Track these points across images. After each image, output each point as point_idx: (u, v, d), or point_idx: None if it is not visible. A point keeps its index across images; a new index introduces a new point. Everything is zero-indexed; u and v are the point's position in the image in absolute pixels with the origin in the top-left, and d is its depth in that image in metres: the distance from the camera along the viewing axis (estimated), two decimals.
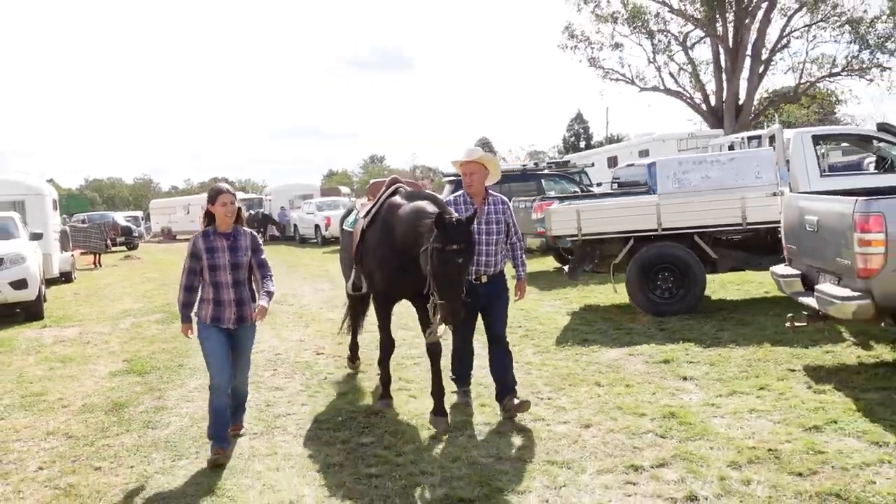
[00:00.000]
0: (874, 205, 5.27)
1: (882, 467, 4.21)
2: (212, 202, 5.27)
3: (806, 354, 6.66)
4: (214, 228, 5.29)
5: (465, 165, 5.73)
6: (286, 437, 5.52)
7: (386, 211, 5.91)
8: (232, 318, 5.24)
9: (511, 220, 5.86)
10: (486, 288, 5.68)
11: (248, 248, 5.33)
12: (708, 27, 32.25)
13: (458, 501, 4.15)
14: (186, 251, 5.32)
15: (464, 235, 5.02)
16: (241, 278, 5.29)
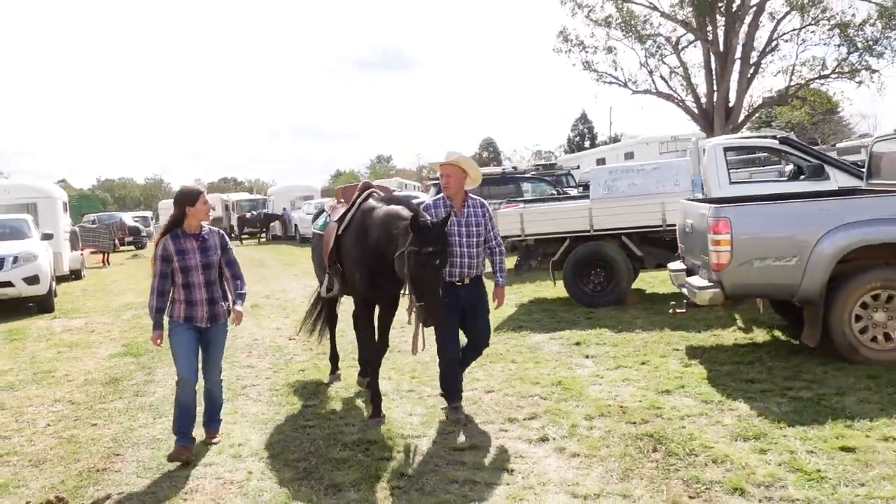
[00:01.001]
0: (723, 211, 6.51)
1: (699, 418, 5.44)
2: (192, 203, 5.31)
3: (695, 338, 7.89)
4: (183, 230, 5.34)
5: (442, 167, 5.79)
6: (247, 401, 6.80)
7: (361, 215, 6.05)
8: (205, 316, 5.36)
9: (490, 222, 5.96)
10: (466, 290, 5.78)
11: (217, 246, 5.44)
12: (698, 31, 33.28)
13: (367, 442, 5.42)
14: (153, 255, 5.42)
15: (439, 237, 5.16)
16: (213, 278, 5.40)
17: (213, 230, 5.52)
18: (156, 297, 5.32)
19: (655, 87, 35.33)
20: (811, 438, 4.82)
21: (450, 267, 5.60)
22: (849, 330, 6.32)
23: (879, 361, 6.24)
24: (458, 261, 5.71)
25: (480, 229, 5.83)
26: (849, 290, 6.31)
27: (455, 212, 5.72)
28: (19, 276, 13.03)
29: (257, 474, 4.95)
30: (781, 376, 6.24)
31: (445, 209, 5.69)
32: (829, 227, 6.27)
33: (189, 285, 5.30)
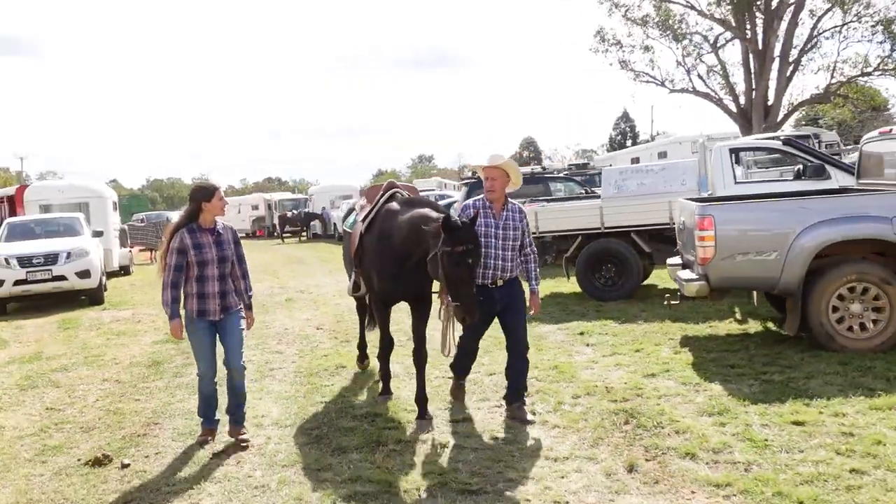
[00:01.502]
0: (707, 209, 7.05)
1: (674, 398, 6.00)
2: (208, 199, 5.46)
3: (691, 328, 8.41)
4: (198, 225, 5.49)
5: (488, 171, 5.80)
6: (273, 381, 7.54)
7: (383, 217, 6.11)
8: (217, 309, 5.51)
9: (526, 228, 5.98)
10: (501, 292, 5.81)
11: (231, 241, 5.60)
12: (736, 29, 33.28)
13: (374, 415, 6.09)
14: (168, 248, 5.49)
15: (470, 236, 5.26)
16: (227, 271, 5.55)
17: (227, 225, 5.68)
18: (170, 291, 5.40)
19: (693, 85, 35.43)
20: (769, 414, 5.36)
21: (483, 269, 5.67)
22: (826, 320, 6.80)
23: (855, 350, 6.70)
24: (492, 262, 5.74)
25: (518, 234, 5.84)
26: (826, 282, 6.78)
27: (494, 214, 5.78)
28: (72, 270, 14.05)
29: (275, 439, 5.67)
30: (760, 362, 6.75)
31: (483, 210, 5.75)
32: (806, 224, 6.77)
33: (203, 278, 5.44)
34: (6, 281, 13.74)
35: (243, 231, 46.72)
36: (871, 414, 5.21)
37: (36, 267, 13.88)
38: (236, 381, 5.68)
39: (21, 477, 5.26)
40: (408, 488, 4.57)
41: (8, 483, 5.17)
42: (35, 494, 4.92)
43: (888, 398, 5.45)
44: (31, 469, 5.42)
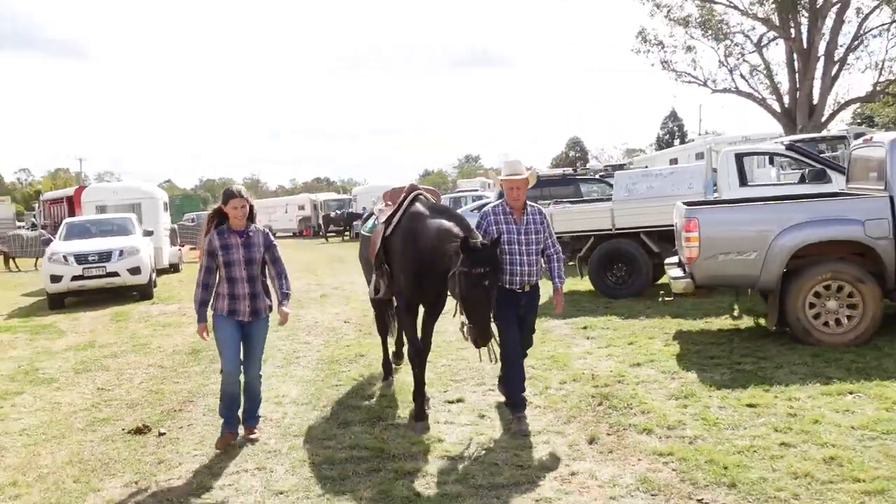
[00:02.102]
0: (692, 212, 7.66)
1: (651, 384, 6.64)
2: (224, 202, 5.71)
3: (687, 324, 8.99)
4: (228, 226, 5.72)
5: (510, 181, 5.84)
6: (297, 367, 8.39)
7: (409, 220, 6.12)
8: (247, 311, 5.70)
9: (548, 230, 6.01)
10: (526, 297, 5.89)
11: (261, 244, 5.76)
12: (780, 29, 33.23)
13: (381, 396, 6.88)
14: (201, 250, 5.83)
15: (489, 259, 5.31)
16: (255, 273, 5.72)
17: (259, 228, 5.85)
18: (200, 291, 5.72)
19: (735, 86, 35.49)
20: (728, 398, 5.98)
21: (510, 275, 5.75)
22: (802, 315, 7.35)
23: (830, 343, 7.24)
24: (518, 269, 5.78)
25: (539, 237, 5.89)
26: (803, 280, 7.33)
27: (515, 219, 5.84)
28: (124, 267, 15.19)
29: (290, 415, 6.50)
30: (739, 353, 7.35)
31: (504, 216, 5.84)
32: (783, 226, 7.33)
33: (232, 279, 5.65)
34: (64, 276, 14.93)
35: (290, 230, 48.24)
36: (820, 398, 5.79)
37: (91, 264, 15.04)
38: (252, 386, 5.91)
39: (74, 442, 6.18)
40: (396, 454, 5.33)
41: (63, 447, 6.09)
42: (85, 455, 5.82)
43: (840, 385, 6.03)
44: (83, 436, 6.33)
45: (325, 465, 5.22)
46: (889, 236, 7.15)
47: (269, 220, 52.64)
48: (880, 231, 7.16)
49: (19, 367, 9.34)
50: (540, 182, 19.64)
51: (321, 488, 4.80)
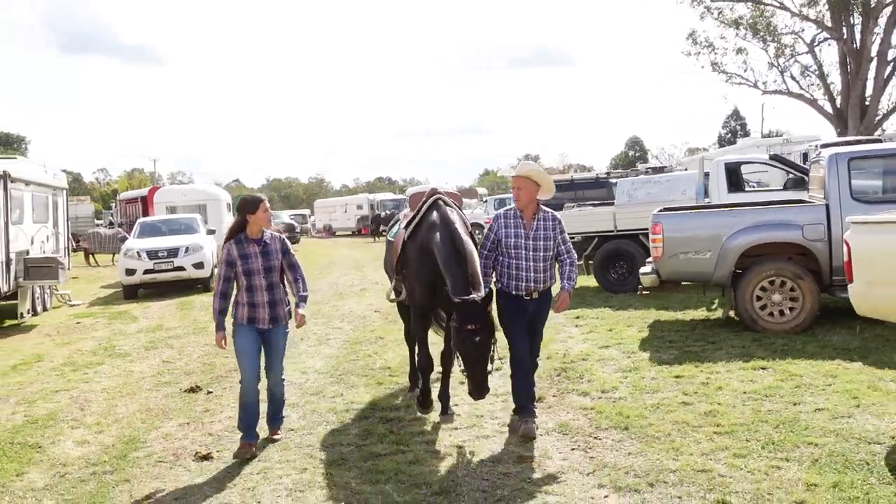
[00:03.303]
0: (657, 217, 8.99)
1: (609, 362, 7.99)
2: (252, 211, 5.73)
3: (666, 315, 10.29)
4: (246, 235, 5.77)
5: (514, 179, 5.82)
6: (326, 347, 10.03)
7: (426, 228, 6.15)
8: (266, 318, 5.77)
9: (561, 236, 5.92)
10: (534, 305, 5.88)
11: (278, 251, 5.84)
12: (833, 30, 33.51)
13: (387, 368, 8.44)
14: (220, 259, 5.90)
15: (478, 316, 5.32)
16: (274, 281, 5.80)
17: (275, 235, 5.96)
18: (218, 300, 5.82)
19: (787, 87, 35.90)
20: (662, 371, 7.32)
21: (515, 280, 5.79)
22: (750, 307, 8.61)
23: (774, 331, 8.48)
24: (524, 274, 5.76)
25: (549, 243, 5.81)
26: (750, 276, 8.59)
27: (524, 224, 5.81)
28: (189, 262, 17.21)
29: (312, 380, 8.12)
30: (693, 339, 8.64)
31: (514, 220, 5.84)
32: (734, 230, 8.61)
33: (251, 288, 5.74)
34: (138, 270, 17.04)
35: (349, 229, 50.40)
36: (735, 372, 7.09)
37: (161, 259, 17.11)
38: (275, 390, 6.08)
39: (142, 398, 7.93)
40: (384, 406, 6.89)
41: (134, 401, 7.83)
42: (150, 406, 7.55)
43: (757, 362, 7.31)
44: (149, 394, 8.08)
45: (329, 413, 6.80)
46: (824, 239, 8.35)
47: (329, 219, 55.17)
48: (816, 234, 8.37)
49: (100, 344, 11.27)
50: (573, 185, 20.99)
51: (322, 429, 6.37)
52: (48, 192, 15.97)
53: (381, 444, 5.84)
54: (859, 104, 33.13)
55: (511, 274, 5.81)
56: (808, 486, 4.40)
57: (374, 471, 5.24)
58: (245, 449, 5.70)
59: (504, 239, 5.82)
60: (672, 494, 4.50)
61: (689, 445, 5.25)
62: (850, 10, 33.00)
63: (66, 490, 5.35)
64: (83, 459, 5.99)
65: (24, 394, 8.31)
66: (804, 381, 6.57)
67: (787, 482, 4.49)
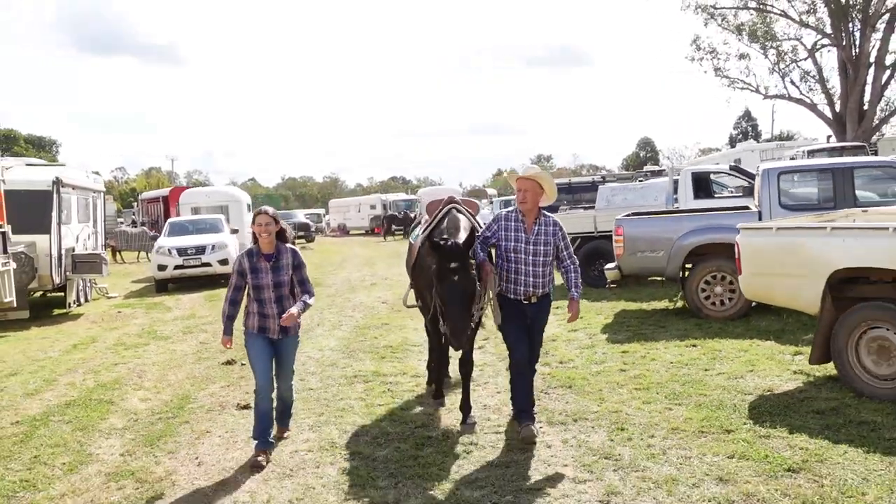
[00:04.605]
0: (619, 221, 10.73)
1: (571, 342, 9.70)
2: (252, 222, 5.92)
3: (633, 306, 12.00)
4: (258, 249, 5.85)
5: (519, 182, 5.83)
6: (339, 331, 11.82)
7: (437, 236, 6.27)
8: (276, 329, 5.90)
9: (562, 242, 5.99)
10: (533, 309, 5.99)
11: (289, 265, 5.88)
12: (832, 37, 34.94)
13: (388, 347, 10.22)
14: (233, 268, 6.03)
15: (459, 256, 5.51)
16: (284, 294, 5.88)
17: (288, 248, 5.97)
18: (228, 306, 6.03)
19: (787, 92, 37.34)
20: (613, 348, 9.05)
21: (514, 284, 5.91)
22: (696, 297, 10.32)
23: (715, 317, 10.17)
24: (522, 278, 5.86)
25: (549, 248, 5.88)
26: (697, 271, 10.30)
27: (525, 228, 5.87)
28: (215, 259, 19.10)
29: (326, 355, 9.91)
30: (647, 324, 10.37)
31: (515, 223, 5.90)
32: (682, 232, 10.33)
33: (262, 301, 5.88)
34: (168, 266, 18.96)
35: (363, 228, 52.29)
36: (671, 349, 8.82)
37: (189, 256, 19.01)
38: (285, 395, 6.33)
39: (187, 369, 9.74)
40: (385, 373, 8.66)
41: (181, 371, 9.64)
42: (195, 374, 9.36)
43: (691, 341, 9.03)
44: (192, 366, 9.90)
45: (340, 378, 8.60)
46: None
47: (343, 218, 57.11)
48: None
49: (143, 329, 13.14)
50: (571, 188, 22.71)
51: (334, 388, 8.14)
52: (89, 194, 17.89)
53: (380, 398, 7.62)
54: (857, 109, 34.52)
55: (510, 278, 5.90)
56: (686, 419, 6.14)
57: (374, 414, 7.03)
58: (259, 456, 5.83)
59: (504, 242, 5.91)
60: (588, 426, 6.24)
61: (612, 397, 7.00)
62: (849, 17, 34.45)
63: (140, 429, 7.16)
64: (149, 410, 7.81)
65: (88, 366, 10.16)
66: (721, 354, 8.30)
67: (672, 417, 6.24)
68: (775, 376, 7.26)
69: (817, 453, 5.17)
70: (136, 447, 6.56)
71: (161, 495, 5.42)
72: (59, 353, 11.26)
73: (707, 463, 5.19)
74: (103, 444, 6.73)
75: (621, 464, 5.30)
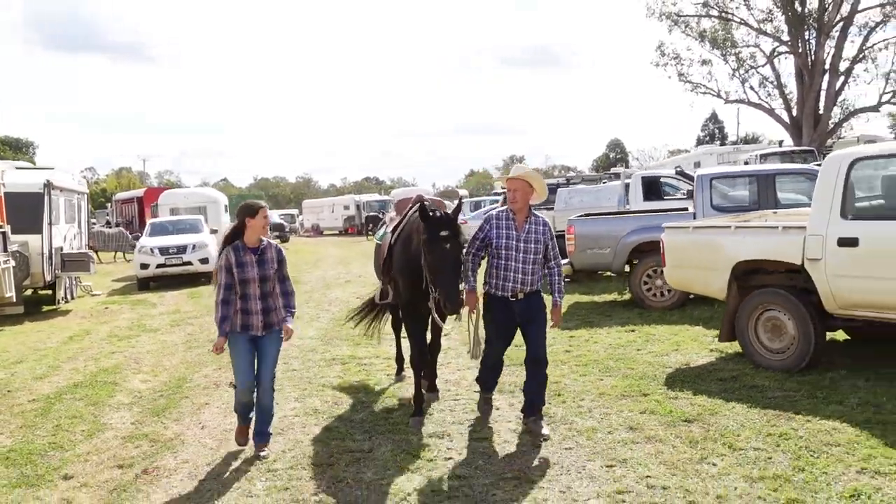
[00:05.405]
0: (571, 221, 12.00)
1: None
2: (252, 215, 5.79)
3: (586, 298, 13.28)
4: (243, 243, 5.83)
5: (510, 181, 5.99)
6: (318, 322, 12.97)
7: (409, 228, 6.53)
8: (259, 325, 5.89)
9: (550, 242, 6.18)
10: (521, 305, 6.11)
11: (274, 259, 5.92)
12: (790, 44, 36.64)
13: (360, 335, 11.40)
14: (217, 266, 5.99)
15: (448, 224, 5.65)
16: (269, 289, 5.89)
17: (271, 244, 6.02)
18: (221, 308, 5.83)
19: (747, 97, 39.01)
20: (562, 333, 10.24)
21: (503, 281, 6.08)
22: (639, 290, 11.62)
23: (656, 308, 11.47)
24: (512, 275, 6.02)
25: (539, 247, 6.07)
26: (640, 266, 11.60)
27: (516, 226, 6.04)
28: (196, 257, 20.15)
29: (306, 343, 11.05)
30: (595, 314, 11.65)
31: (506, 221, 6.06)
32: (626, 231, 11.63)
33: (246, 296, 5.83)
34: (151, 265, 19.98)
35: (336, 228, 53.34)
36: (613, 333, 10.09)
37: (171, 255, 20.04)
38: (264, 399, 6.14)
39: (180, 356, 10.83)
40: (359, 356, 9.84)
41: (174, 358, 10.73)
42: (188, 360, 10.45)
43: (631, 326, 10.33)
44: (185, 353, 10.98)
45: (319, 360, 9.76)
46: None
47: (317, 218, 58.10)
48: None
49: (132, 323, 14.19)
50: None
51: (315, 369, 9.30)
52: (74, 196, 18.84)
53: (356, 376, 8.80)
54: (813, 114, 36.23)
55: (499, 275, 6.10)
56: (612, 387, 7.40)
57: (350, 389, 8.21)
58: (242, 432, 6.26)
59: (495, 240, 6.07)
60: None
61: (554, 372, 8.19)
62: (805, 25, 36.17)
63: (146, 403, 8.27)
64: (150, 389, 8.92)
65: (87, 355, 11.21)
66: (654, 338, 9.59)
67: (602, 385, 7.50)
68: (694, 353, 8.56)
69: (711, 408, 6.47)
70: (144, 417, 7.68)
71: (174, 450, 6.55)
72: (58, 343, 12.29)
73: (623, 417, 6.45)
74: (114, 416, 7.83)
75: (554, 420, 6.54)
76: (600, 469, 5.38)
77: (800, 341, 7.20)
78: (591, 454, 5.68)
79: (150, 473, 5.99)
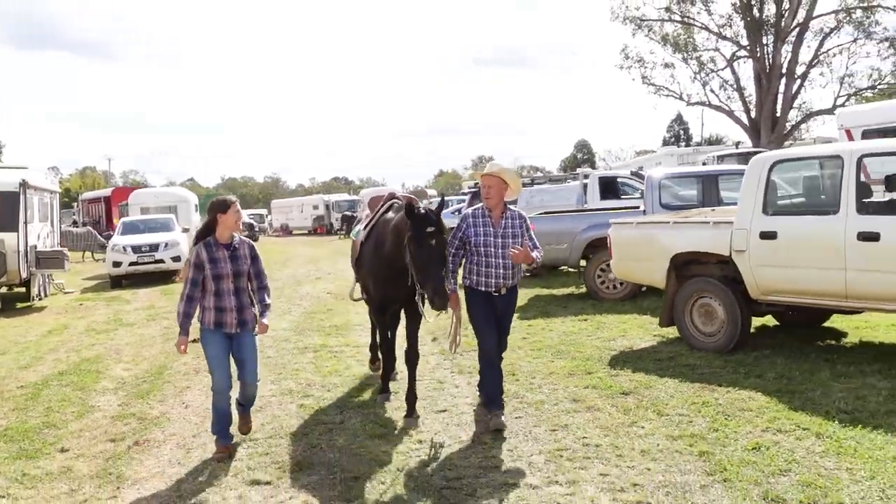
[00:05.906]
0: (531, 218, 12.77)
1: None
2: (223, 210, 5.74)
3: (546, 292, 14.09)
4: (215, 239, 5.79)
5: (484, 178, 6.08)
6: (290, 315, 13.61)
7: (380, 226, 6.62)
8: (234, 322, 5.85)
9: (528, 233, 6.32)
10: (503, 300, 6.26)
11: (247, 256, 5.88)
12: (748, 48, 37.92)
13: (333, 326, 12.09)
14: (186, 262, 5.94)
15: (433, 220, 5.68)
16: (243, 286, 5.86)
17: (244, 240, 5.99)
18: (185, 303, 5.83)
19: (708, 99, 40.24)
20: (522, 323, 11.03)
21: (484, 277, 6.18)
22: (593, 283, 12.46)
23: (609, 299, 12.32)
24: (493, 271, 6.12)
25: (518, 241, 6.15)
26: (594, 260, 12.44)
27: (493, 222, 6.14)
28: (168, 255, 20.67)
29: (280, 334, 11.69)
30: (553, 305, 12.46)
31: (483, 219, 6.14)
32: (580, 227, 12.46)
33: (220, 293, 5.80)
34: (123, 263, 20.46)
35: (305, 228, 53.80)
36: (567, 322, 10.90)
37: (143, 253, 20.54)
38: (248, 392, 6.27)
39: (158, 347, 11.43)
40: (331, 345, 10.54)
41: (154, 348, 11.33)
42: (167, 351, 11.04)
43: (584, 316, 11.16)
44: (163, 345, 11.58)
45: (293, 349, 10.44)
46: None
47: (286, 218, 58.51)
48: None
49: (109, 318, 14.73)
50: None
51: (289, 357, 9.97)
52: (47, 195, 19.26)
53: (327, 363, 9.50)
54: (771, 116, 37.53)
55: (480, 271, 6.20)
56: (561, 367, 8.21)
57: (322, 373, 8.91)
58: (221, 452, 6.00)
59: (473, 238, 6.16)
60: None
61: (511, 356, 8.95)
62: (763, 30, 37.46)
63: (130, 388, 8.89)
64: (133, 376, 9.53)
65: (68, 347, 11.77)
66: (604, 325, 10.42)
67: (552, 366, 8.30)
68: (638, 338, 9.41)
69: (646, 383, 7.30)
70: (130, 400, 8.32)
71: (161, 426, 7.22)
72: (38, 337, 12.83)
73: (568, 392, 7.26)
74: (101, 399, 8.45)
75: (507, 395, 7.28)
76: (544, 433, 6.16)
77: (728, 325, 8.06)
78: (538, 421, 6.47)
79: (142, 445, 6.66)
